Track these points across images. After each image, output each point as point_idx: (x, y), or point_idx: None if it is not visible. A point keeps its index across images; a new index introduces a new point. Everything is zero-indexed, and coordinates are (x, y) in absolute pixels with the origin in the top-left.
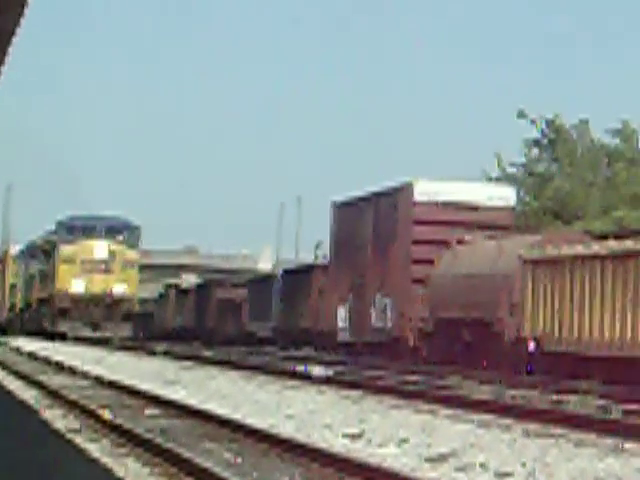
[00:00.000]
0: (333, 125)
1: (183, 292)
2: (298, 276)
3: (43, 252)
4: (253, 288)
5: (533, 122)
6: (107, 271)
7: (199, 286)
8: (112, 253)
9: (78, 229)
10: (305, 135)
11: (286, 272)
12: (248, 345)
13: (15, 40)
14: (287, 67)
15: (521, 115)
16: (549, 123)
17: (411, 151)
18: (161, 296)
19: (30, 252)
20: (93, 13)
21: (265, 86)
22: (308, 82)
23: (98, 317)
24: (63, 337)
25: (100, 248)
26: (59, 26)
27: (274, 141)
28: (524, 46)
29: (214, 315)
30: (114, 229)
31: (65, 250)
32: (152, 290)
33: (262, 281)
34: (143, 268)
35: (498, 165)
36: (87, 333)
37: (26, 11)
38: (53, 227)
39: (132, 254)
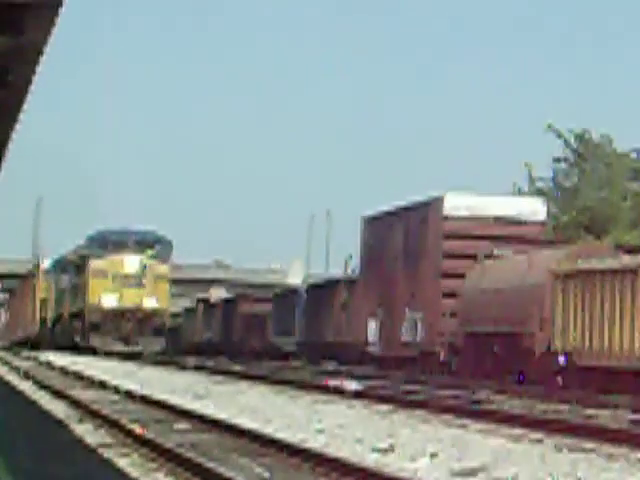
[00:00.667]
0: (362, 139)
1: (210, 307)
2: (321, 291)
3: (74, 266)
4: (277, 303)
5: (560, 135)
6: (138, 285)
7: (225, 301)
8: (143, 267)
9: (109, 243)
10: (335, 149)
11: (310, 287)
12: (273, 359)
13: (45, 55)
14: (317, 80)
15: (549, 129)
16: (577, 137)
17: (441, 165)
18: (188, 310)
19: (61, 266)
20: (123, 29)
21: (293, 100)
22: (337, 96)
23: (129, 331)
24: (94, 352)
25: (131, 262)
26: (85, 41)
27: (303, 155)
28: (552, 58)
29: (240, 329)
30: (145, 243)
31: (96, 264)
32: (182, 305)
33: (286, 296)
34: (173, 282)
35: (528, 176)
36: (118, 347)
37: (56, 24)
38: (84, 241)
39: (163, 268)
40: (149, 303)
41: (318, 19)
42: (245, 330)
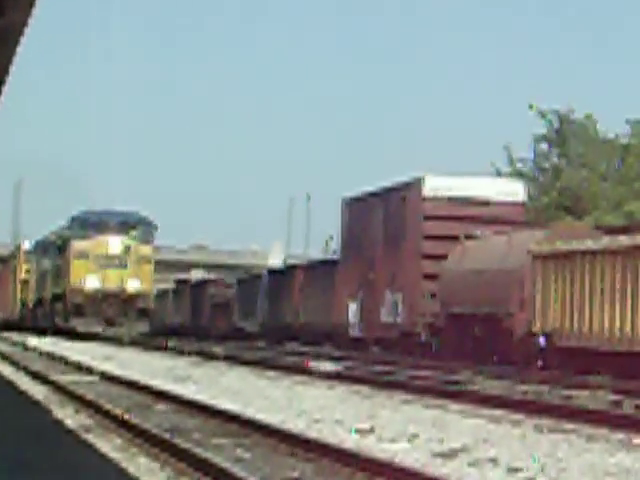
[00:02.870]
0: (342, 121)
1: (180, 290)
2: (281, 275)
3: (56, 248)
4: (242, 287)
5: (544, 115)
6: (121, 267)
7: (194, 285)
8: (126, 248)
9: (92, 224)
10: (314, 131)
11: (270, 272)
12: (238, 340)
13: (25, 36)
14: (297, 64)
15: (532, 108)
16: (559, 117)
17: (421, 147)
18: (162, 293)
19: (42, 248)
20: (106, 12)
21: (274, 83)
22: (318, 79)
23: (112, 313)
24: (75, 334)
25: (114, 243)
26: (72, 25)
27: (283, 137)
28: (534, 38)
29: (207, 312)
30: (128, 224)
31: (78, 245)
32: (161, 287)
33: (250, 280)
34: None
35: (508, 157)
36: (101, 330)
37: (35, 5)
38: (66, 222)
39: (147, 249)
40: (132, 285)
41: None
42: (212, 313)
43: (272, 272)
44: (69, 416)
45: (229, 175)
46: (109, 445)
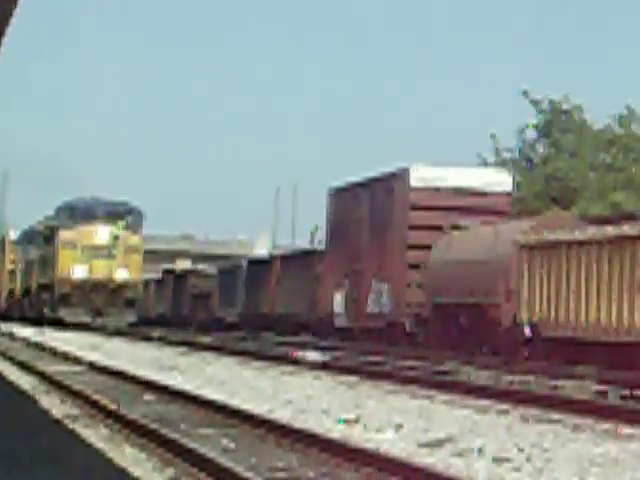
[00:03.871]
0: (329, 111)
1: (162, 281)
2: (259, 266)
3: (43, 237)
4: (222, 277)
5: (536, 103)
6: (109, 256)
7: (176, 275)
8: (114, 238)
9: (79, 213)
10: (301, 121)
11: (249, 262)
12: (218, 330)
13: (13, 23)
14: (284, 54)
15: (524, 95)
16: (551, 106)
17: (408, 136)
18: (145, 284)
19: (29, 237)
20: (105, 7)
21: (261, 72)
22: (304, 68)
23: (100, 303)
24: (62, 324)
25: (102, 233)
26: (58, 16)
27: (270, 127)
28: (521, 27)
29: (188, 302)
30: (117, 214)
31: (66, 235)
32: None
33: (230, 270)
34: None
35: (494, 147)
36: (89, 320)
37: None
38: (53, 212)
39: (135, 239)
40: (120, 275)
41: None
42: (193, 303)
43: (251, 262)
44: (55, 406)
45: (216, 165)
46: (95, 435)
